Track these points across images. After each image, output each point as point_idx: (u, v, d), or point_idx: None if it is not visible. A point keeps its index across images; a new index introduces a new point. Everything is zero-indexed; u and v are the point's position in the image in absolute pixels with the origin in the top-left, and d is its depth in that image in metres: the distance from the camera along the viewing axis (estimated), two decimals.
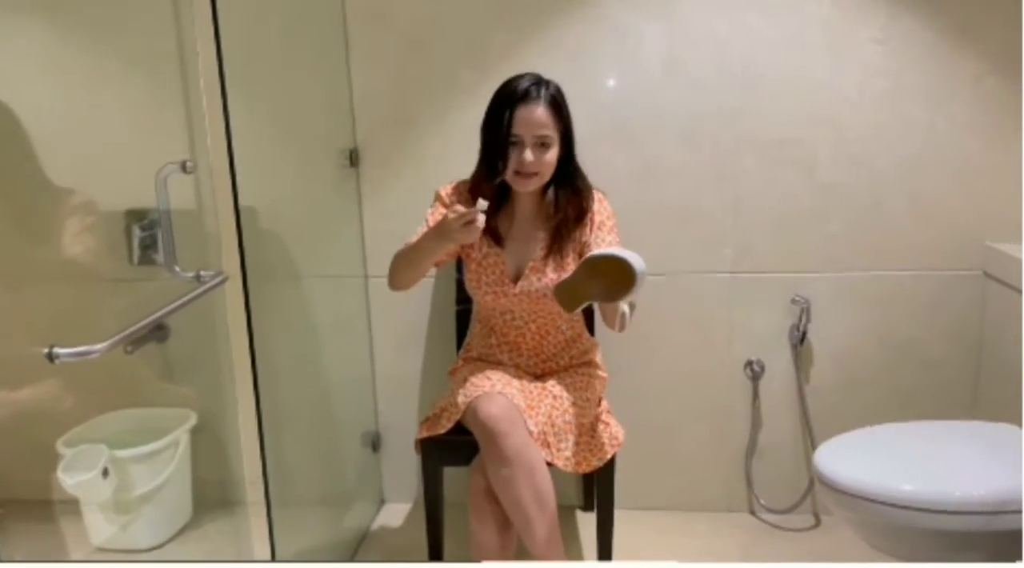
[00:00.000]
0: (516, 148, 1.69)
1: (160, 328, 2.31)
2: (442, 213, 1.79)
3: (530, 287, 1.77)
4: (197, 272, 1.58)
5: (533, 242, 1.80)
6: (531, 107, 1.68)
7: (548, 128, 1.69)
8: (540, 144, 1.69)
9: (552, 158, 1.71)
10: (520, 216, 1.82)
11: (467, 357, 1.94)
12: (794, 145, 2.16)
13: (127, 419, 2.07)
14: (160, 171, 1.51)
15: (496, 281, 1.79)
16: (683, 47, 2.14)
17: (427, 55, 2.21)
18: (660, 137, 2.19)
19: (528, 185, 1.72)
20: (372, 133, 2.28)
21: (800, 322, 2.21)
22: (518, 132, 1.68)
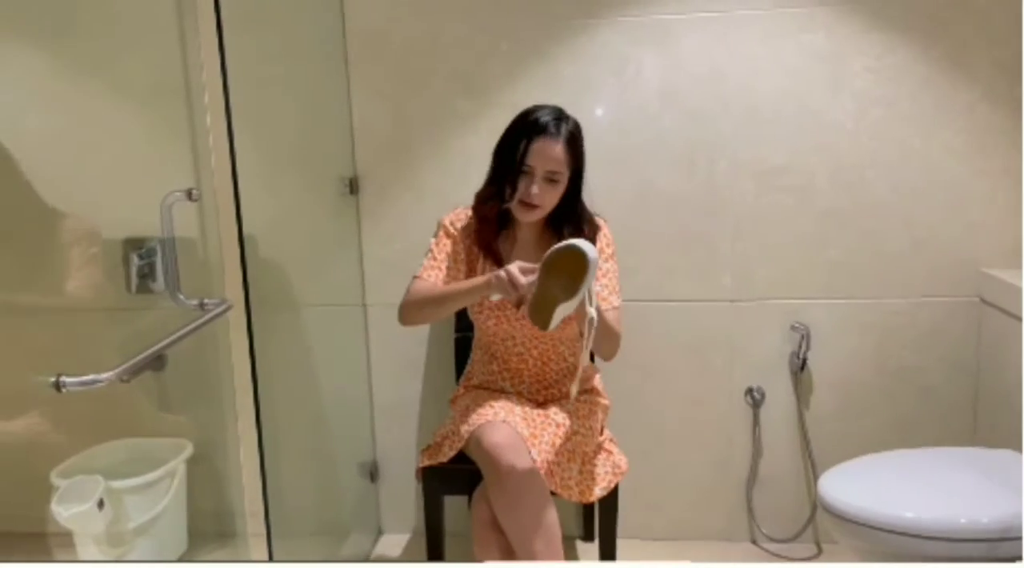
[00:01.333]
0: (525, 178, 1.70)
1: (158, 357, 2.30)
2: (447, 244, 1.81)
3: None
4: (201, 300, 1.57)
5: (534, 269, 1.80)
6: (549, 142, 1.69)
7: (561, 165, 1.71)
8: (550, 180, 1.70)
9: (557, 195, 1.73)
10: (522, 241, 1.83)
11: (468, 385, 1.93)
12: (791, 173, 2.18)
13: (122, 449, 2.04)
14: (166, 199, 1.50)
15: (498, 305, 1.79)
16: (681, 76, 2.17)
17: (425, 85, 2.23)
18: (658, 165, 2.21)
19: (529, 216, 1.73)
20: (371, 161, 2.29)
21: (800, 349, 2.21)
22: (531, 163, 1.69)
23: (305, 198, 2.15)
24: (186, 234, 1.78)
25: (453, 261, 1.82)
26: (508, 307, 1.79)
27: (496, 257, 1.80)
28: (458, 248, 1.82)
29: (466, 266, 1.82)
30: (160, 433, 2.10)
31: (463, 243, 1.82)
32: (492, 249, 1.79)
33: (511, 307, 1.79)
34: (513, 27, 2.18)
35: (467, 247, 1.82)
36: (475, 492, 1.71)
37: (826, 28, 2.11)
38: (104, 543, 1.96)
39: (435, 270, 1.84)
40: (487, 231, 1.80)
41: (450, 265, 1.81)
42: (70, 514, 1.77)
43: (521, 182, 1.71)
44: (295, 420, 2.12)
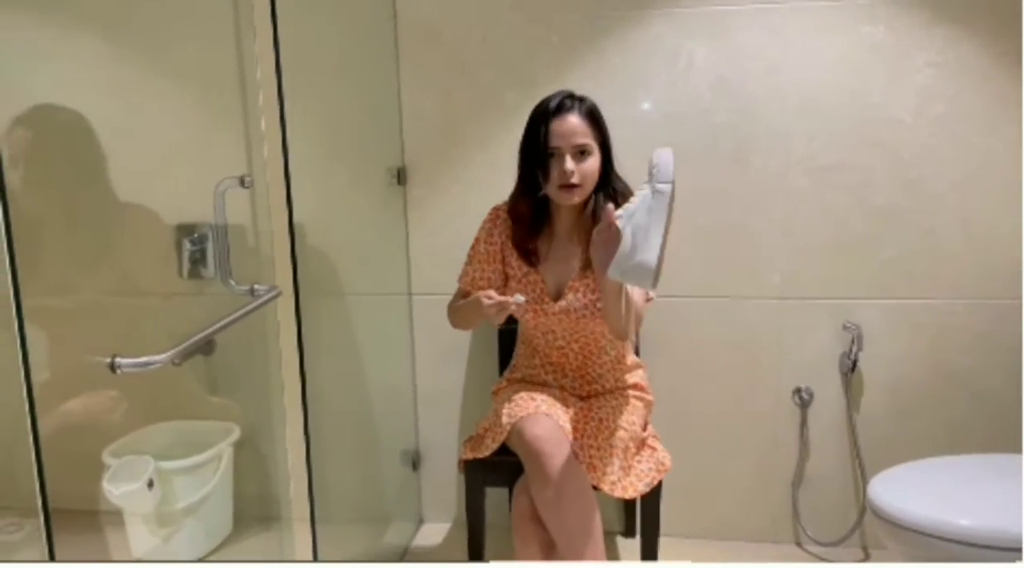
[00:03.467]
0: (556, 161, 1.69)
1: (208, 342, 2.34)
2: (481, 246, 1.84)
3: (570, 306, 1.76)
4: (251, 286, 1.59)
5: (571, 260, 1.79)
6: (566, 117, 1.69)
7: (586, 136, 1.69)
8: (579, 153, 1.69)
9: (594, 167, 1.71)
10: (559, 235, 1.82)
11: (512, 378, 1.93)
12: (847, 169, 2.13)
13: (171, 431, 2.06)
14: (219, 185, 1.53)
15: (536, 299, 1.79)
16: (734, 69, 2.13)
17: (474, 76, 2.22)
18: (709, 159, 2.17)
19: (572, 197, 1.71)
20: (419, 152, 2.29)
21: (851, 350, 2.16)
22: (556, 144, 1.68)
23: (354, 187, 2.15)
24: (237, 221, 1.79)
25: (487, 261, 1.84)
26: (546, 301, 1.78)
27: (531, 256, 1.80)
28: (492, 247, 1.83)
29: (502, 264, 1.84)
30: (208, 416, 2.12)
31: (499, 239, 1.83)
32: (527, 249, 1.80)
33: (549, 301, 1.78)
34: (564, 18, 2.16)
35: (502, 243, 1.83)
36: (516, 485, 1.71)
37: (887, 21, 2.05)
38: (153, 522, 1.99)
39: (469, 275, 1.85)
40: (523, 230, 1.80)
41: (485, 266, 1.84)
42: (120, 493, 1.80)
43: (553, 166, 1.70)
44: (340, 407, 2.12)
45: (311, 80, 1.85)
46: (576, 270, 1.77)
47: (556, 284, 1.79)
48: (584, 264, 1.75)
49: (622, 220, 1.52)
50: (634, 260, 1.48)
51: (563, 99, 1.71)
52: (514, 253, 1.81)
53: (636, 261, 1.48)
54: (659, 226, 1.48)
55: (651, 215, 1.49)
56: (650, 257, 1.46)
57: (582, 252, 1.76)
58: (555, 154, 1.69)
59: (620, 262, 1.50)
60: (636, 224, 1.49)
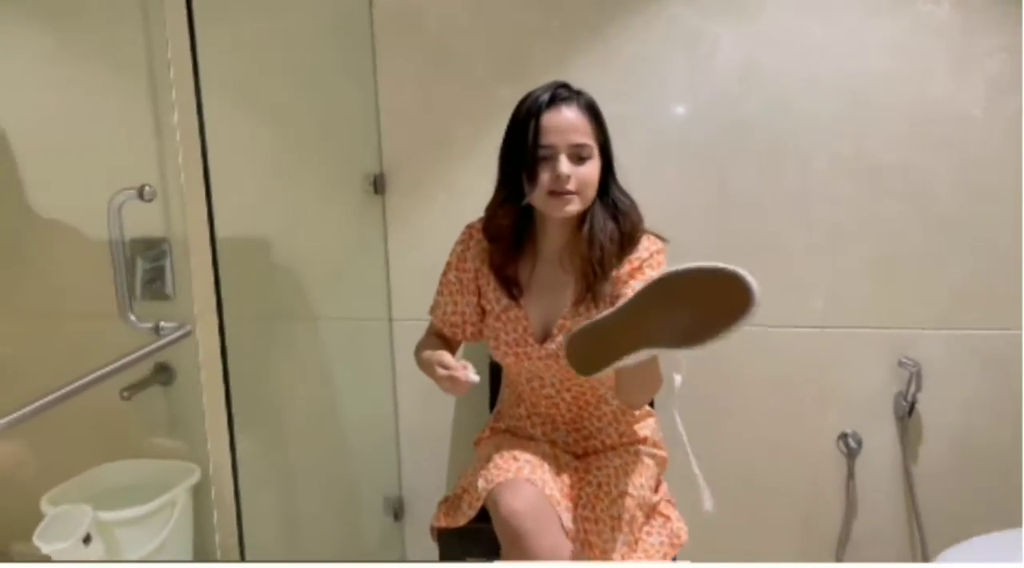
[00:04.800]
0: (547, 163, 1.36)
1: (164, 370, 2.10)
2: (452, 272, 1.54)
3: (558, 349, 1.43)
4: (157, 323, 1.31)
5: (561, 290, 1.46)
6: (561, 111, 1.36)
7: (585, 135, 1.36)
8: (578, 156, 1.37)
9: (593, 174, 1.38)
10: (546, 258, 1.48)
11: (495, 426, 1.61)
12: (903, 172, 1.78)
13: (125, 472, 1.90)
14: (113, 199, 1.24)
15: (518, 340, 1.46)
16: (767, 54, 1.80)
17: (462, 70, 1.93)
18: (738, 162, 1.84)
19: (565, 208, 1.37)
20: (400, 156, 2.00)
21: (908, 389, 1.81)
22: (549, 141, 1.35)
23: (323, 197, 1.91)
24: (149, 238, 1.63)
25: (459, 291, 1.53)
26: (530, 342, 1.46)
27: (511, 285, 1.47)
28: (465, 274, 1.52)
29: (477, 295, 1.52)
30: (168, 455, 1.92)
31: (472, 264, 1.52)
32: (506, 275, 1.47)
33: (533, 342, 1.46)
34: (565, 1, 1.85)
35: (476, 269, 1.52)
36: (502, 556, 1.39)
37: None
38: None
39: (440, 308, 1.56)
40: (501, 252, 1.47)
41: (457, 298, 1.53)
42: (51, 550, 1.60)
43: (543, 169, 1.37)
44: (312, 447, 1.91)
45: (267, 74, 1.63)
46: (567, 304, 1.44)
47: (542, 321, 1.47)
48: (577, 296, 1.43)
49: None
50: None
51: (557, 89, 1.39)
52: (492, 282, 1.49)
53: None
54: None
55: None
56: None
57: (575, 280, 1.44)
58: (546, 155, 1.37)
59: None
60: None
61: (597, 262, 1.39)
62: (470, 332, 1.54)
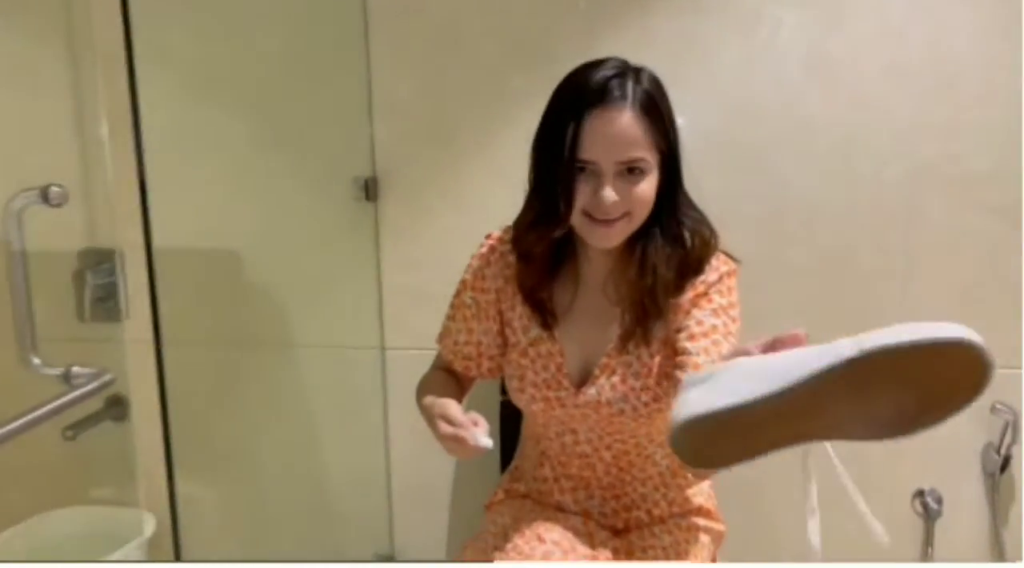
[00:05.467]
0: (588, 179, 1.06)
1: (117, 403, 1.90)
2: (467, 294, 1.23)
3: (601, 396, 1.13)
4: (67, 369, 1.00)
5: (606, 323, 1.15)
6: (611, 114, 1.03)
7: (640, 148, 1.04)
8: (628, 170, 1.05)
9: (648, 193, 1.07)
10: (587, 283, 1.18)
11: (512, 489, 1.29)
12: (999, 182, 1.50)
13: (73, 520, 1.70)
14: (11, 202, 0.94)
15: (549, 382, 1.15)
16: (837, 40, 1.51)
17: (471, 54, 1.63)
18: (800, 166, 1.55)
19: (608, 238, 1.07)
20: (396, 157, 1.69)
21: (1002, 440, 1.52)
22: (590, 157, 1.04)
23: (304, 204, 1.64)
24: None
25: (476, 317, 1.21)
26: (564, 386, 1.15)
27: (545, 312, 1.16)
28: (484, 295, 1.21)
29: (499, 321, 1.21)
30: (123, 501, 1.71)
31: (494, 284, 1.21)
32: (539, 300, 1.16)
33: (569, 386, 1.15)
34: None
35: (498, 290, 1.21)
36: None
37: None
38: None
39: (451, 337, 1.25)
40: (534, 274, 1.16)
41: (473, 324, 1.22)
42: None
43: (582, 186, 1.06)
44: (287, 495, 1.69)
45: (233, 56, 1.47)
46: (612, 340, 1.14)
47: (581, 361, 1.15)
48: (626, 331, 1.12)
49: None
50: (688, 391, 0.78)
51: (611, 79, 1.05)
52: (518, 306, 1.18)
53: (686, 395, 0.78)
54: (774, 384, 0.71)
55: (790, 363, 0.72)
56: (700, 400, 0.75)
57: (623, 312, 1.13)
58: (588, 170, 1.06)
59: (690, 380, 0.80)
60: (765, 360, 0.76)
61: (648, 292, 1.09)
62: (487, 367, 1.23)
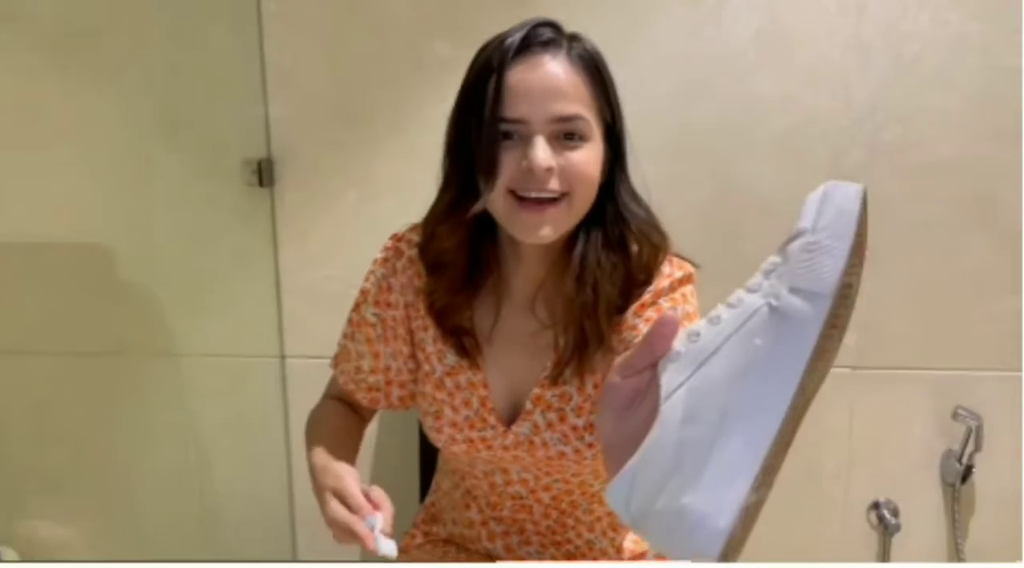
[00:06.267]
0: (514, 146, 0.85)
1: None
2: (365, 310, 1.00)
3: (535, 435, 0.93)
4: None
5: (537, 349, 0.94)
6: (541, 60, 0.84)
7: (578, 102, 0.85)
8: (565, 136, 0.85)
9: (589, 163, 0.86)
10: (515, 298, 0.97)
11: (430, 531, 1.09)
12: (962, 170, 1.38)
13: None
14: None
15: (471, 420, 0.95)
16: (791, 11, 1.36)
17: (381, 16, 1.41)
18: (751, 153, 1.40)
19: (540, 226, 0.85)
20: (294, 136, 1.46)
21: (963, 449, 1.41)
22: (518, 113, 0.83)
23: (184, 191, 1.42)
24: None
25: (380, 338, 0.99)
26: (490, 421, 0.95)
27: (462, 336, 0.95)
28: (390, 311, 0.99)
29: (409, 342, 1.00)
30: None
31: (401, 298, 0.99)
32: (455, 326, 0.95)
33: (496, 423, 0.95)
34: None
35: (407, 304, 0.99)
36: None
37: None
38: None
39: (350, 361, 1.02)
40: (445, 288, 0.94)
41: (378, 347, 1.00)
42: None
43: (507, 158, 0.85)
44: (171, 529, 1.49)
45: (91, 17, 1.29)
46: (545, 368, 0.94)
47: (508, 392, 0.95)
48: (560, 359, 0.92)
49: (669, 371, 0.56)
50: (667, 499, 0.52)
51: (536, 28, 0.87)
52: (431, 327, 0.97)
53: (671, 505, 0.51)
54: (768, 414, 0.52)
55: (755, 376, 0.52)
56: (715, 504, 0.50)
57: (557, 336, 0.92)
58: (513, 133, 0.85)
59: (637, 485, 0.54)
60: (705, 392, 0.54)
61: (588, 313, 0.89)
62: (397, 397, 1.02)
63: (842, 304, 0.52)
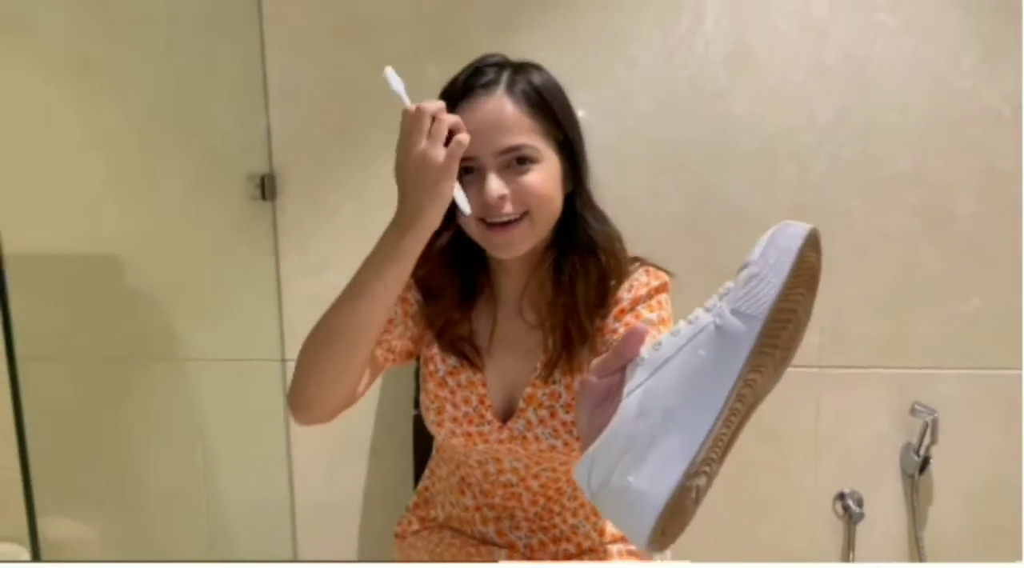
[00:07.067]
0: (474, 180, 0.94)
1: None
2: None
3: (528, 430, 1.03)
4: None
5: (528, 350, 1.05)
6: (480, 101, 0.94)
7: (521, 132, 0.93)
8: (517, 162, 0.94)
9: (541, 182, 0.94)
10: (504, 303, 1.07)
11: (425, 516, 1.19)
12: (918, 183, 1.48)
13: None
14: None
15: (470, 415, 1.05)
16: (760, 35, 1.46)
17: (378, 39, 1.50)
18: (721, 166, 1.50)
19: (510, 245, 0.95)
20: (295, 152, 1.55)
21: (921, 442, 1.51)
22: (468, 153, 0.90)
23: (191, 204, 1.49)
24: None
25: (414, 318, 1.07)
26: (487, 419, 1.04)
27: (460, 343, 1.05)
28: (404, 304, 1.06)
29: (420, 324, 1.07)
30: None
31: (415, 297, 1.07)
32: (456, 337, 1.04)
33: (493, 418, 1.04)
34: None
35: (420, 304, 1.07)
36: None
37: None
38: None
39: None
40: (443, 307, 1.04)
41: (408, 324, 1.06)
42: None
43: (471, 192, 0.94)
44: (176, 528, 1.55)
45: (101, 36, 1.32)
46: (536, 369, 1.04)
47: (504, 390, 1.05)
48: (549, 359, 1.02)
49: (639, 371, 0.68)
50: (618, 478, 0.64)
51: (483, 68, 0.96)
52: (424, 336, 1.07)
53: (621, 483, 0.63)
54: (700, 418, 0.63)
55: (694, 385, 0.64)
56: (652, 486, 0.62)
57: (545, 338, 1.02)
58: (472, 168, 0.94)
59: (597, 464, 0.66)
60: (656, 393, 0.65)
61: (570, 313, 0.99)
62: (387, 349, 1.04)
63: (779, 326, 0.63)
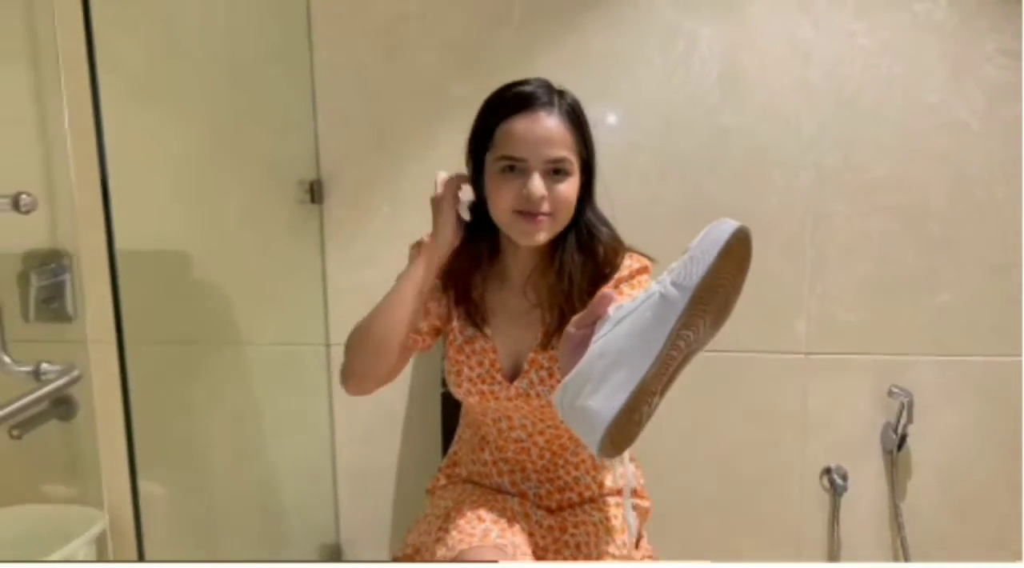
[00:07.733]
0: (515, 177, 1.15)
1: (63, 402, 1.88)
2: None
3: (531, 389, 1.23)
4: (37, 366, 1.06)
5: (532, 321, 1.25)
6: (540, 117, 1.15)
7: (565, 148, 1.15)
8: (553, 171, 1.16)
9: (571, 193, 1.17)
10: (512, 284, 1.27)
11: (452, 473, 1.39)
12: (894, 188, 1.65)
13: (17, 520, 1.67)
14: None
15: (483, 376, 1.25)
16: (749, 57, 1.64)
17: (411, 62, 1.71)
18: (716, 175, 1.68)
19: (535, 233, 1.16)
20: (340, 161, 1.76)
21: (898, 421, 1.68)
22: (521, 153, 1.14)
23: (250, 206, 1.68)
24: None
25: (438, 300, 1.29)
26: (497, 379, 1.25)
27: (476, 314, 1.26)
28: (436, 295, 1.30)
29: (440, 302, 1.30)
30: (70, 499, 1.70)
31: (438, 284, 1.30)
32: (471, 305, 1.26)
33: (502, 379, 1.25)
34: None
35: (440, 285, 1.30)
36: None
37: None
38: None
39: None
40: (462, 275, 1.27)
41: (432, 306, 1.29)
42: None
43: (508, 186, 1.16)
44: (235, 489, 1.70)
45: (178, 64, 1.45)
46: (538, 337, 1.24)
47: (512, 356, 1.26)
48: (548, 331, 1.22)
49: (605, 325, 0.90)
50: (581, 400, 0.86)
51: (538, 89, 1.17)
52: (455, 308, 1.28)
53: (582, 404, 0.86)
54: (642, 360, 0.84)
55: (640, 335, 0.85)
56: (603, 406, 0.84)
57: (543, 314, 1.23)
58: (516, 168, 1.16)
59: (568, 390, 0.89)
60: (613, 340, 0.87)
61: (566, 297, 1.20)
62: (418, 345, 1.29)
63: (709, 295, 0.85)
